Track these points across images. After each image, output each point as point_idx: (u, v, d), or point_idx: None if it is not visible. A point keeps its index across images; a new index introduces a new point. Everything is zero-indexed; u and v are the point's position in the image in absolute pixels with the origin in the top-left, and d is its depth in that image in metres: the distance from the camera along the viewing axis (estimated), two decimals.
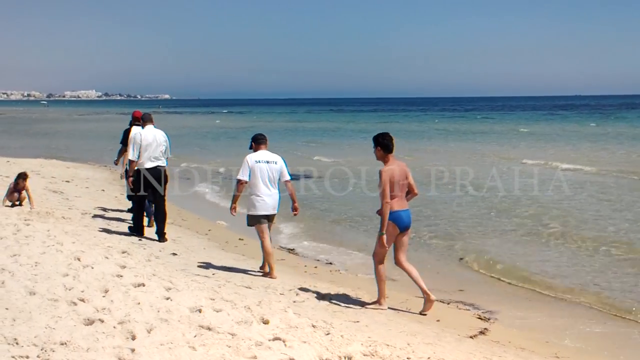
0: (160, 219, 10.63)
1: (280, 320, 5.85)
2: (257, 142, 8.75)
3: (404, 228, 7.49)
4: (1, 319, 5.05)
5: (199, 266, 8.86)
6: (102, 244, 9.02)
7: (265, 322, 5.76)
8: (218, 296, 6.57)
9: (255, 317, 5.83)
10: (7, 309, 5.32)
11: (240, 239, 11.68)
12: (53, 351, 4.50)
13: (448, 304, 8.39)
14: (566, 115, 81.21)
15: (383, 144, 7.41)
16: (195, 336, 5.15)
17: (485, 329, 7.34)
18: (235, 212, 8.84)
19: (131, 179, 10.47)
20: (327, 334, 5.66)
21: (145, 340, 4.91)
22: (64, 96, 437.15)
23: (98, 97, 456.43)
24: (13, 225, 9.32)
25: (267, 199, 8.50)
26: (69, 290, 6.09)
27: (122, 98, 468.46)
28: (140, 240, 10.22)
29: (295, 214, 8.84)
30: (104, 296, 6.03)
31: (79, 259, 7.42)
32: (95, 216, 12.17)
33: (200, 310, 5.81)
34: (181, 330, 5.24)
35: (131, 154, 10.35)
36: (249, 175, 8.47)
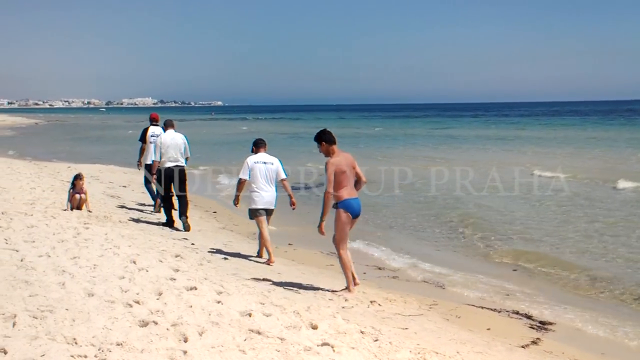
0: (182, 211, 11.94)
1: (329, 326, 5.90)
2: (257, 145, 10.00)
3: (355, 215, 7.92)
4: (61, 319, 5.25)
5: (249, 271, 8.99)
6: (156, 247, 9.24)
7: (314, 327, 5.81)
8: (268, 301, 6.66)
9: (304, 322, 5.90)
10: (67, 309, 5.53)
11: (289, 244, 11.79)
12: (110, 351, 4.66)
13: (499, 312, 8.27)
14: None
15: (326, 139, 7.91)
16: (245, 340, 5.24)
17: (538, 338, 7.23)
18: (238, 204, 10.11)
19: (154, 176, 12.19)
20: (376, 341, 5.69)
21: (196, 343, 5.04)
22: (121, 103, 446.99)
23: (154, 104, 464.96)
24: (73, 229, 9.64)
25: (265, 195, 9.71)
26: (125, 292, 6.28)
27: (177, 105, 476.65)
28: (192, 244, 10.42)
29: (293, 208, 9.87)
30: (157, 299, 6.20)
31: (134, 262, 7.64)
32: (150, 221, 12.46)
33: (250, 314, 5.91)
34: (231, 333, 5.35)
35: (154, 156, 12.10)
36: (249, 175, 9.67)
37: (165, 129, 12.24)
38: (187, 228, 11.79)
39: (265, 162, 9.74)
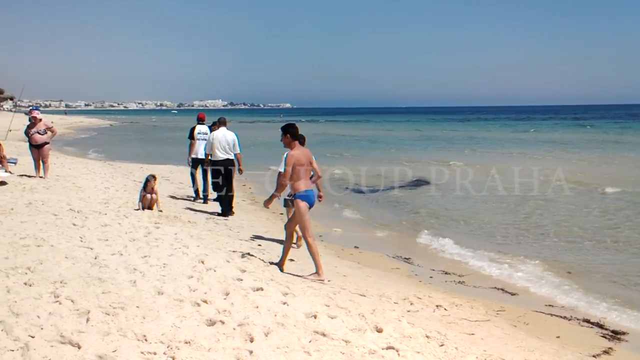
0: (228, 199, 13.48)
1: (394, 329, 5.88)
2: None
3: (310, 205, 8.52)
4: (132, 316, 5.40)
5: (314, 272, 9.02)
6: (224, 247, 9.40)
7: (379, 331, 5.80)
8: (333, 303, 6.68)
9: (369, 325, 5.89)
10: (137, 307, 5.69)
11: (355, 247, 11.77)
12: (178, 349, 4.77)
13: (569, 319, 8.05)
14: None
15: (291, 133, 8.52)
16: (310, 341, 5.27)
17: (610, 348, 7.01)
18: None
19: (208, 167, 13.84)
20: (441, 345, 5.63)
21: (262, 343, 5.10)
22: (192, 105, 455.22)
23: (224, 106, 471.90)
24: (144, 228, 9.90)
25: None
26: (193, 291, 6.42)
27: (246, 107, 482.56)
28: (259, 245, 10.55)
29: (320, 201, 9.91)
30: (225, 298, 6.30)
31: (202, 262, 7.78)
32: (218, 221, 12.68)
33: (315, 316, 5.94)
34: (297, 334, 5.39)
35: (201, 151, 13.90)
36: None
37: (219, 126, 13.57)
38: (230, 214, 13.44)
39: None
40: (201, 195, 15.20)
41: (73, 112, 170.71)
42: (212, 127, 14.23)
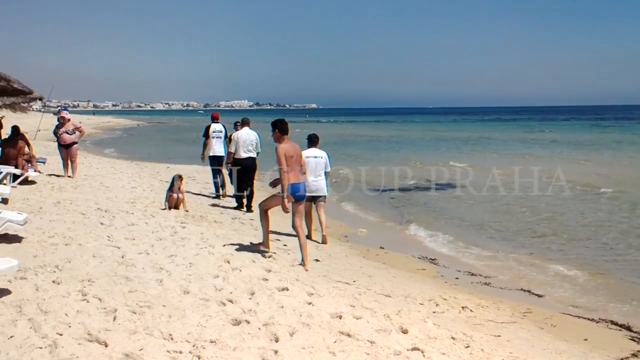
0: (249, 197, 13.98)
1: (419, 331, 5.85)
2: (311, 142, 11.30)
3: (299, 197, 8.83)
4: (159, 315, 5.46)
5: (340, 272, 9.02)
6: (249, 247, 9.43)
7: (404, 332, 5.78)
8: (358, 303, 6.67)
9: (394, 326, 5.87)
10: (164, 306, 5.74)
11: (381, 247, 11.73)
12: (204, 348, 4.80)
13: (597, 322, 7.95)
14: None
15: (280, 128, 8.79)
16: (335, 342, 5.28)
17: (639, 351, 6.91)
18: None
19: (230, 165, 13.95)
20: (467, 347, 5.59)
21: (287, 343, 5.11)
22: (219, 106, 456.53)
23: (250, 106, 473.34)
24: (171, 228, 9.98)
25: (313, 183, 11.01)
26: (219, 291, 6.46)
27: (272, 107, 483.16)
28: (285, 245, 10.57)
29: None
30: (250, 298, 6.33)
31: (228, 262, 7.83)
32: (244, 221, 12.72)
33: (340, 317, 5.94)
34: (322, 335, 5.40)
35: (232, 148, 13.77)
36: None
37: (242, 126, 14.10)
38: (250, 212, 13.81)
39: (315, 156, 11.12)
40: (221, 192, 15.65)
41: (101, 113, 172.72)
42: (236, 127, 14.47)
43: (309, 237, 11.10)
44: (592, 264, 10.75)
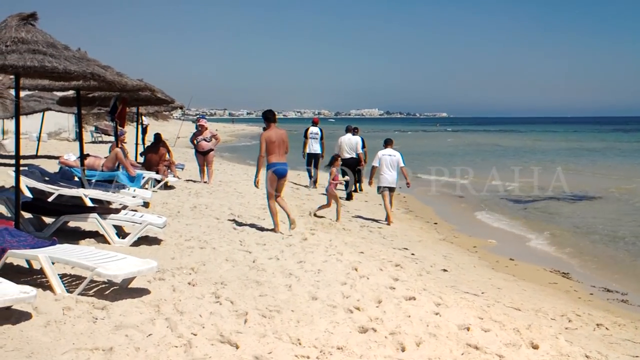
0: (352, 188, 17.11)
1: (551, 347, 5.62)
2: (386, 143, 14.14)
3: (280, 176, 10.22)
4: (287, 320, 5.58)
5: (468, 284, 8.85)
6: (377, 256, 9.45)
7: (535, 347, 5.57)
8: (487, 316, 6.51)
9: (524, 341, 5.68)
10: (292, 311, 5.86)
11: (510, 259, 11.36)
12: (331, 354, 4.86)
13: None
14: None
15: (266, 117, 10.40)
16: (462, 354, 5.18)
17: None
18: (372, 184, 14.15)
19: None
20: None
21: (414, 353, 5.07)
22: (349, 114, 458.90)
23: (380, 115, 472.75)
24: (300, 234, 10.18)
25: (388, 177, 13.61)
26: (346, 298, 6.51)
27: (402, 116, 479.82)
28: (412, 254, 10.50)
29: (408, 186, 14.23)
30: (377, 306, 6.33)
31: (356, 269, 7.87)
32: (372, 229, 12.77)
33: (468, 329, 5.82)
34: (449, 346, 5.31)
35: (337, 150, 16.62)
36: (379, 163, 13.72)
37: (347, 132, 17.68)
38: (348, 197, 16.68)
39: (390, 155, 13.73)
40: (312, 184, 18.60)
41: (238, 121, 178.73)
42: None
43: (387, 220, 13.54)
44: None
